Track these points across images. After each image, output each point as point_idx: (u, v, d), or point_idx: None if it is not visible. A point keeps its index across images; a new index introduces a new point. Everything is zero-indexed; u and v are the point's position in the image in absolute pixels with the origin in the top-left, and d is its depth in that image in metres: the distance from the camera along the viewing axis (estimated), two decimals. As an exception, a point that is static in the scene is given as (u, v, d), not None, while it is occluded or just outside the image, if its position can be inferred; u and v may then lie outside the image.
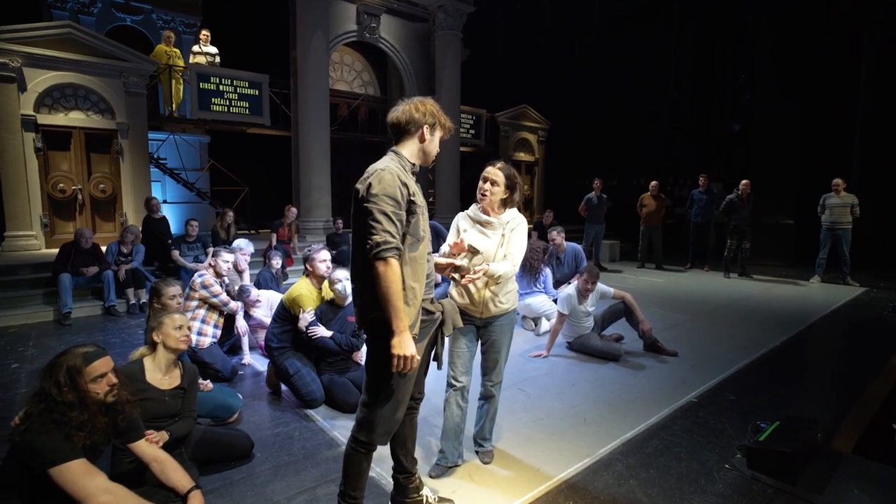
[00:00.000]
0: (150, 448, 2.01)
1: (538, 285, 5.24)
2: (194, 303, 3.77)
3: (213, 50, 9.19)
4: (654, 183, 9.28)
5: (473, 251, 2.38)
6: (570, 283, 5.55)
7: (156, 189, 10.16)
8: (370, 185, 1.72)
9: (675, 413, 3.17)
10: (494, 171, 2.42)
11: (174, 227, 8.18)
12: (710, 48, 12.26)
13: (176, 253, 6.33)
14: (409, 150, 1.90)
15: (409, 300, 1.80)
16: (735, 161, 11.73)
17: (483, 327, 2.52)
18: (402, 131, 1.88)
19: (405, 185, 1.76)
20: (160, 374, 2.31)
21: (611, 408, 3.24)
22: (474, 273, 2.23)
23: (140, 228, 6.64)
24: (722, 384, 3.66)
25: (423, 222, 1.86)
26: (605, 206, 9.18)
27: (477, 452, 2.66)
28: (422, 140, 1.89)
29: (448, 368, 2.55)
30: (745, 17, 11.12)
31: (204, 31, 9.36)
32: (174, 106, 8.90)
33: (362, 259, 1.74)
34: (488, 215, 2.46)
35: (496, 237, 2.44)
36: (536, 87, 14.55)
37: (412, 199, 1.79)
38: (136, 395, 2.18)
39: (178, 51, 9.11)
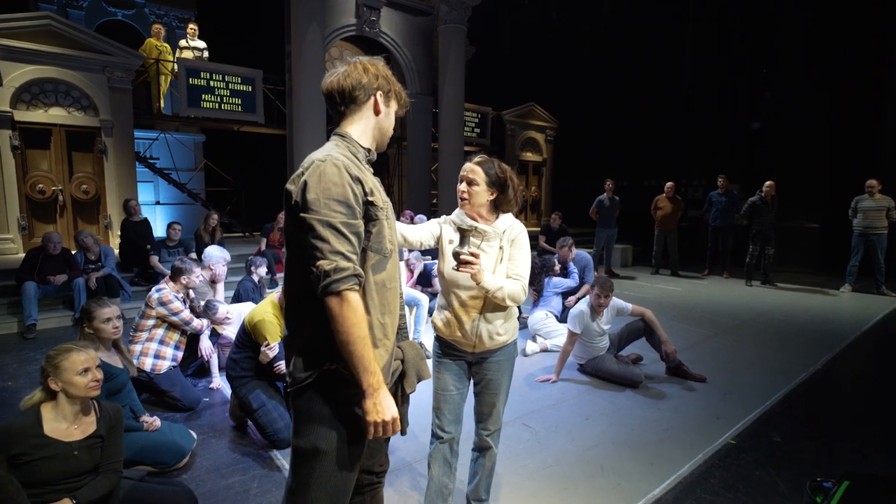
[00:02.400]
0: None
1: (542, 301, 4.75)
2: (151, 321, 3.29)
3: (202, 44, 8.76)
4: (669, 184, 8.72)
5: (464, 232, 1.78)
6: (571, 296, 5.07)
7: (148, 190, 9.77)
8: (305, 185, 1.20)
9: (711, 460, 2.64)
10: (471, 168, 1.91)
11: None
12: (728, 41, 11.66)
13: (155, 258, 5.88)
14: (359, 128, 1.39)
15: (379, 341, 1.31)
16: (753, 161, 11.14)
17: (476, 364, 2.02)
18: (346, 101, 1.37)
19: (358, 180, 1.25)
20: (65, 424, 1.82)
21: (632, 451, 2.72)
22: (467, 255, 1.71)
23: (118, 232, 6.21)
24: (763, 420, 3.12)
25: (389, 230, 1.36)
26: (617, 209, 8.63)
27: (470, 516, 2.16)
28: (376, 112, 1.40)
29: (433, 416, 2.05)
30: (766, 6, 10.50)
31: (191, 25, 8.93)
32: (161, 103, 8.47)
33: (302, 292, 1.25)
34: (476, 222, 1.95)
35: (493, 250, 1.93)
36: (544, 84, 14.02)
37: (370, 199, 1.28)
38: (31, 454, 1.70)
39: (167, 45, 8.69)
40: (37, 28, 6.74)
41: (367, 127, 1.40)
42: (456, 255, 1.72)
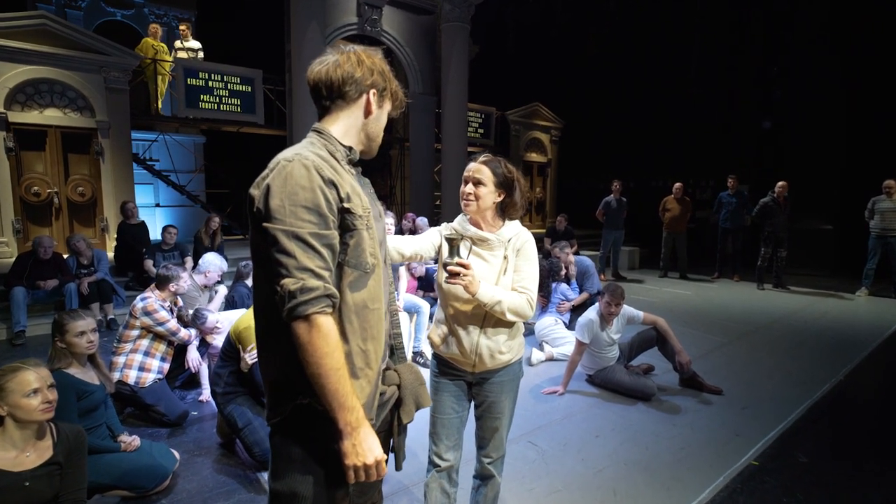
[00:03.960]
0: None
1: (550, 308, 4.56)
2: (135, 331, 3.12)
3: (196, 45, 8.62)
4: (677, 185, 8.49)
5: (451, 241, 1.59)
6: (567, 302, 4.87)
7: (147, 192, 9.64)
8: (268, 189, 1.02)
9: (732, 484, 2.44)
10: (477, 167, 1.72)
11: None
12: (737, 38, 11.41)
13: (149, 263, 5.73)
14: (344, 126, 1.20)
15: (360, 371, 1.12)
16: (764, 161, 10.89)
17: (476, 385, 1.83)
18: (333, 95, 1.17)
19: (332, 183, 1.06)
20: (14, 452, 1.64)
21: (647, 474, 2.52)
22: (455, 265, 1.55)
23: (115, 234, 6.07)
24: (786, 438, 2.91)
25: (370, 241, 1.14)
26: (624, 210, 8.42)
27: (471, 551, 1.97)
28: (366, 112, 1.21)
29: (429, 441, 1.86)
30: (779, 1, 10.24)
31: (183, 26, 8.79)
32: (159, 103, 8.34)
33: (272, 315, 1.06)
34: (480, 229, 1.77)
35: (496, 260, 1.74)
36: (549, 84, 13.82)
37: (346, 205, 1.08)
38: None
39: (164, 45, 8.57)
40: (32, 27, 6.61)
41: (352, 127, 1.21)
42: (444, 265, 1.54)
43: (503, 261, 1.73)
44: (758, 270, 7.66)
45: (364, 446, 1.04)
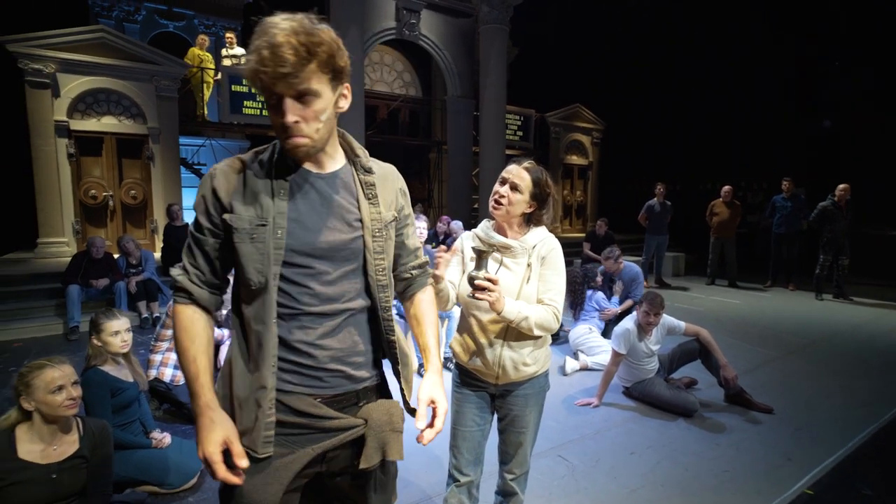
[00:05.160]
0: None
1: (584, 315, 4.39)
2: (170, 331, 3.21)
3: (241, 52, 8.92)
4: (726, 188, 8.06)
5: (480, 254, 1.49)
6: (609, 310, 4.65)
7: (194, 195, 10.06)
8: None
9: (782, 514, 2.24)
10: (518, 172, 1.65)
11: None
12: (794, 32, 10.75)
13: (192, 264, 5.92)
14: None
15: (223, 386, 1.12)
16: (822, 162, 10.20)
17: (500, 397, 1.75)
18: None
19: (214, 193, 1.07)
20: (41, 446, 1.69)
21: (685, 497, 2.35)
22: (483, 280, 1.45)
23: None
24: (846, 466, 2.66)
25: (255, 256, 1.05)
26: (668, 215, 8.06)
27: (491, 570, 1.88)
28: None
29: (450, 455, 1.79)
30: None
31: (228, 34, 9.12)
32: (205, 110, 8.69)
33: None
34: (504, 235, 1.68)
35: (519, 268, 1.65)
36: (591, 85, 13.48)
37: (224, 217, 1.06)
38: (4, 479, 1.58)
39: (209, 55, 8.92)
40: (92, 41, 7.02)
41: None
42: (471, 279, 1.46)
43: (526, 269, 1.64)
44: (816, 279, 7.15)
45: (200, 436, 1.02)
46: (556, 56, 14.31)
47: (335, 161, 1.15)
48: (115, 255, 5.73)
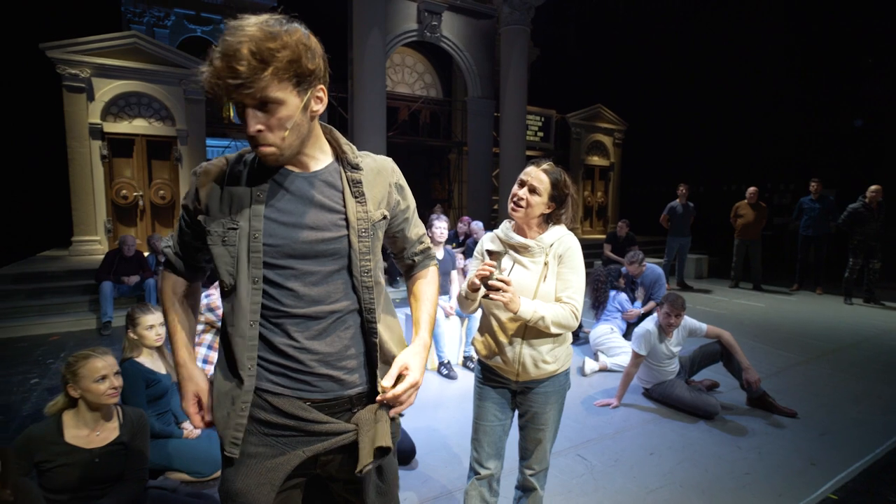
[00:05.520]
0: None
1: (605, 315, 4.38)
2: (200, 326, 3.32)
3: (269, 55, 9.12)
4: (752, 189, 7.91)
5: (493, 255, 1.59)
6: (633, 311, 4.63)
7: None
8: None
9: (804, 518, 2.22)
10: (536, 173, 1.69)
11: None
12: (823, 27, 10.48)
13: (218, 262, 6.10)
14: None
15: (214, 373, 1.16)
16: (853, 163, 9.92)
17: (520, 394, 1.78)
18: None
19: (195, 189, 1.11)
20: (86, 431, 1.79)
21: (705, 498, 2.34)
22: (497, 280, 1.51)
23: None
24: (872, 472, 2.61)
25: (226, 259, 1.07)
26: (691, 216, 7.95)
27: (510, 563, 1.91)
28: None
29: (471, 448, 1.83)
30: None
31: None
32: (231, 112, 8.90)
33: None
34: (524, 236, 1.72)
35: (536, 267, 1.69)
36: (612, 85, 13.37)
37: (199, 218, 1.10)
38: (52, 461, 1.68)
39: (237, 57, 9.14)
40: (124, 46, 7.28)
41: None
42: (484, 280, 1.50)
43: (543, 267, 1.68)
44: (845, 283, 6.97)
45: (187, 376, 1.15)
46: (577, 56, 14.23)
47: (318, 161, 1.12)
48: (146, 253, 5.93)
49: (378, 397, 1.12)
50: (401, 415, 1.17)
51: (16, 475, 1.43)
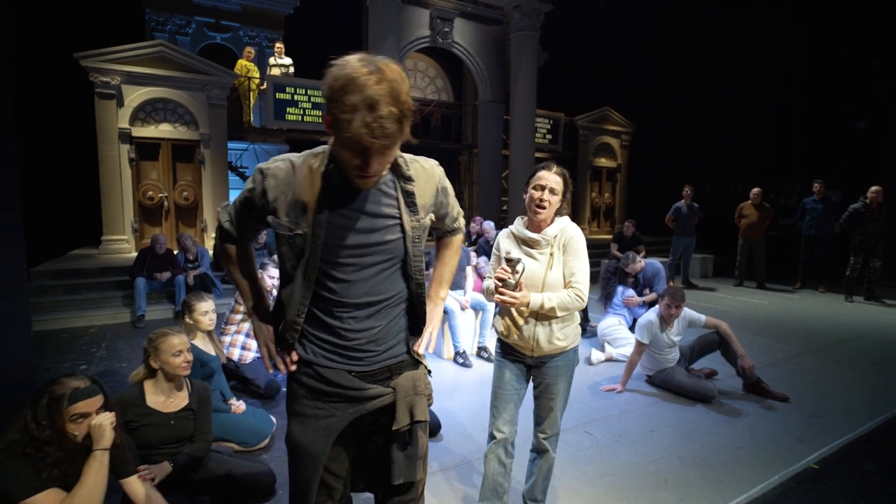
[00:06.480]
0: (140, 487, 1.78)
1: (613, 308, 4.64)
2: (239, 315, 3.64)
3: (288, 61, 9.46)
4: (755, 190, 8.13)
5: (510, 263, 1.88)
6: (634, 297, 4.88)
7: (237, 196, 10.67)
8: None
9: (788, 483, 2.48)
10: (552, 177, 1.97)
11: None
12: (830, 31, 10.65)
13: (243, 259, 6.42)
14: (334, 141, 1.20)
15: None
16: (859, 165, 10.08)
17: (535, 367, 2.06)
18: None
19: (263, 191, 1.22)
20: (163, 397, 2.10)
21: (700, 468, 2.61)
22: (514, 289, 1.83)
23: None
24: (854, 447, 2.86)
25: (290, 255, 1.24)
26: (696, 217, 8.18)
27: (525, 515, 2.19)
28: (327, 127, 1.14)
29: (490, 414, 2.11)
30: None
31: (278, 44, 9.67)
32: (251, 117, 9.26)
33: None
34: (536, 231, 2.00)
35: (543, 258, 1.98)
36: (620, 88, 13.58)
37: (269, 219, 1.24)
38: (137, 421, 1.99)
39: (254, 65, 9.51)
40: (152, 55, 7.64)
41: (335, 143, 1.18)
42: (497, 285, 1.85)
43: (549, 257, 1.96)
44: (846, 281, 7.18)
45: (258, 327, 1.37)
46: (585, 60, 14.47)
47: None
48: (175, 251, 6.27)
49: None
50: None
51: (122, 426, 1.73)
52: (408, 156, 1.34)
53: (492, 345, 4.42)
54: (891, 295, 7.27)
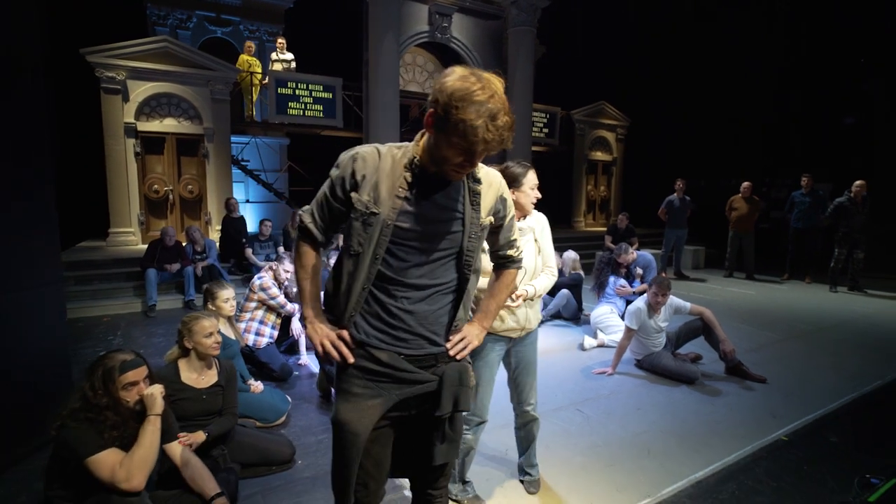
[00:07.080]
0: (181, 451, 2.01)
1: (605, 297, 4.89)
2: (253, 303, 3.86)
3: (289, 56, 9.61)
4: (746, 184, 8.37)
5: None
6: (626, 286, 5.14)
7: (239, 189, 10.82)
8: None
9: (759, 452, 2.74)
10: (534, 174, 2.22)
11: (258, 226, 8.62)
12: (820, 29, 10.86)
13: (249, 251, 6.64)
14: (424, 138, 1.34)
15: (330, 305, 1.45)
16: (847, 159, 10.33)
17: (515, 347, 2.26)
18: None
19: (353, 174, 1.33)
20: (195, 375, 2.33)
21: (680, 440, 2.87)
22: (518, 294, 2.08)
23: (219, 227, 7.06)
24: (822, 422, 3.13)
25: (360, 233, 1.33)
26: (688, 209, 8.43)
27: (522, 481, 2.44)
28: (427, 126, 1.28)
29: (479, 403, 2.30)
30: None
31: (280, 39, 9.81)
32: (253, 111, 9.41)
33: None
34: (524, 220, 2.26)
35: (531, 245, 2.24)
36: (616, 82, 13.76)
37: (351, 194, 1.34)
38: (174, 395, 2.21)
39: (257, 60, 9.65)
40: (156, 50, 7.79)
41: (426, 141, 1.32)
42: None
43: (534, 244, 2.23)
44: (831, 272, 7.46)
45: (312, 330, 1.39)
46: (582, 54, 14.63)
47: None
48: (183, 243, 6.47)
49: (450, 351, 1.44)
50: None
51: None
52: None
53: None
54: (873, 285, 7.56)
